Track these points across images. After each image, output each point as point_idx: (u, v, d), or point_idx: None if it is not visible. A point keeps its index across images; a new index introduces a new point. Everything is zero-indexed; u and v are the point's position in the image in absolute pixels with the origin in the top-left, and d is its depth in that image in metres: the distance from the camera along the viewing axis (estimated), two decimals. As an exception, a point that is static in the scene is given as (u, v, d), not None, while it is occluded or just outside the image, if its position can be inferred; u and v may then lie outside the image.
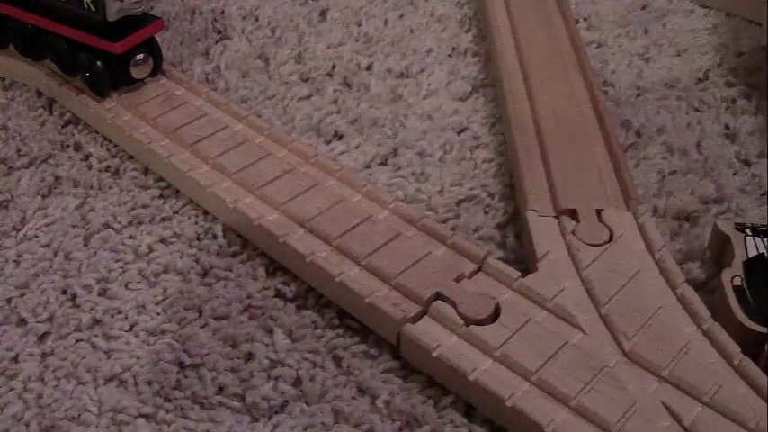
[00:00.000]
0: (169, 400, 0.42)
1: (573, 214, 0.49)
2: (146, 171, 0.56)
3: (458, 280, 0.45)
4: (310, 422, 0.41)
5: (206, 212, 0.53)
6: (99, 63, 0.57)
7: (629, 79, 0.65)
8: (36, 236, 0.51)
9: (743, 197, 0.54)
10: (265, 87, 0.64)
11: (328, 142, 0.59)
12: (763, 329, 0.42)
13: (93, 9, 0.55)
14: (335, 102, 0.63)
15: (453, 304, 0.43)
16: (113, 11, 0.55)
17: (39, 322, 0.46)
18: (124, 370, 0.43)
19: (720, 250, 0.48)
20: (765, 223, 0.48)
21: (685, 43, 0.70)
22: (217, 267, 0.49)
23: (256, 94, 0.64)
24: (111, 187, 0.55)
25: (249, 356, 0.44)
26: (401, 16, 0.74)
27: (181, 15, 0.73)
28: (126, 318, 0.46)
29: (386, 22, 0.73)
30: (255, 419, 0.41)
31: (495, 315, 0.43)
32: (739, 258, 0.45)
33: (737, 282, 0.44)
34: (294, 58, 0.68)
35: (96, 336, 0.45)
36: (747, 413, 0.38)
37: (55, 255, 0.50)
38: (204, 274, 0.49)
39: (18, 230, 0.52)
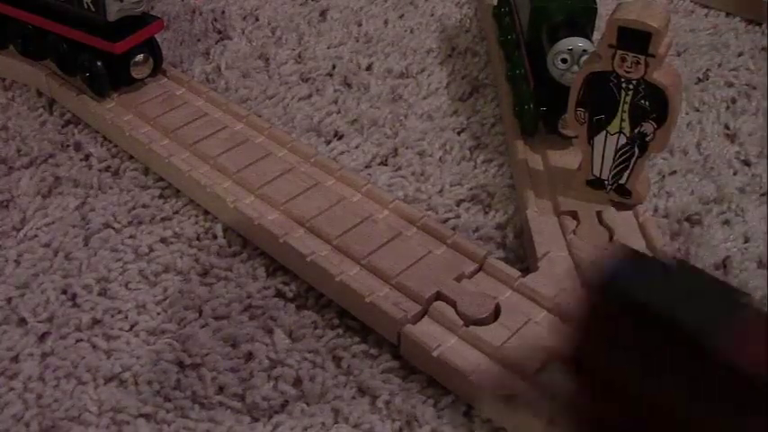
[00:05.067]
0: (169, 400, 0.42)
1: (573, 214, 0.49)
2: (146, 171, 0.56)
3: (458, 279, 0.45)
4: (310, 422, 0.41)
5: (206, 212, 0.53)
6: (99, 63, 0.57)
7: (629, 79, 0.65)
8: (36, 236, 0.51)
9: (743, 197, 0.54)
10: (265, 87, 0.64)
11: (328, 142, 0.59)
12: None
13: (93, 9, 0.55)
14: (335, 102, 0.63)
15: (453, 304, 0.43)
16: (113, 11, 0.55)
17: (39, 322, 0.46)
18: (124, 370, 0.43)
19: None
20: None
21: (685, 43, 0.70)
22: (217, 267, 0.49)
23: (256, 94, 0.64)
24: (111, 187, 0.55)
25: (249, 356, 0.44)
26: (401, 16, 0.74)
27: (181, 15, 0.73)
28: (126, 318, 0.46)
29: (386, 22, 0.73)
30: (255, 419, 0.41)
31: (496, 315, 0.43)
32: None
33: None
34: (294, 58, 0.68)
35: (96, 336, 0.45)
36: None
37: (55, 255, 0.50)
38: (204, 274, 0.49)
39: (18, 230, 0.52)
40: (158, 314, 0.47)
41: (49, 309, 0.47)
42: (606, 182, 0.50)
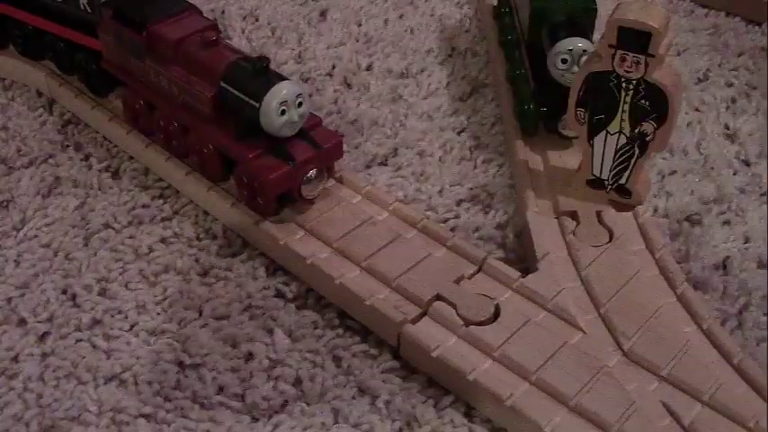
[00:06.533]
0: (169, 400, 0.42)
1: (573, 215, 0.49)
2: (146, 171, 0.56)
3: (457, 282, 0.45)
4: (310, 422, 0.41)
5: (206, 212, 0.53)
6: (95, 63, 0.57)
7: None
8: (36, 236, 0.51)
9: (743, 197, 0.54)
10: (265, 87, 0.64)
11: (328, 142, 0.59)
12: None
13: (88, 10, 0.55)
14: (335, 102, 0.63)
15: (453, 306, 0.43)
16: (109, 11, 0.56)
17: (39, 322, 0.46)
18: (124, 370, 0.43)
19: None
20: None
21: (685, 43, 0.70)
22: (217, 267, 0.49)
23: (256, 94, 0.63)
24: (111, 187, 0.55)
25: (249, 356, 0.44)
26: (401, 16, 0.74)
27: (181, 15, 0.73)
28: (126, 318, 0.46)
29: (386, 22, 0.73)
30: (255, 419, 0.41)
31: (495, 315, 0.43)
32: None
33: None
34: (294, 58, 0.68)
35: (96, 336, 0.45)
36: (746, 412, 0.38)
37: (55, 255, 0.50)
38: (204, 274, 0.49)
39: (18, 230, 0.52)
40: (158, 314, 0.47)
41: (49, 309, 0.47)
42: (606, 182, 0.50)
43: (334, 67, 0.67)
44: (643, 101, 0.45)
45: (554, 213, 0.50)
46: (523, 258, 0.50)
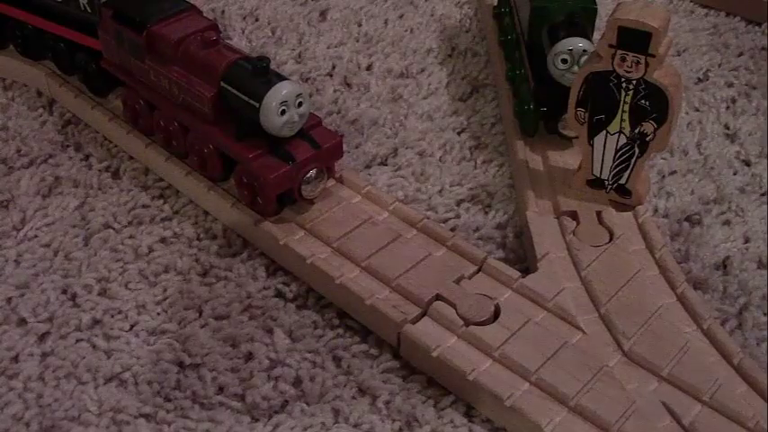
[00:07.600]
0: (169, 400, 0.42)
1: (573, 215, 0.49)
2: (146, 171, 0.56)
3: (458, 281, 0.45)
4: (310, 422, 0.41)
5: (206, 212, 0.53)
6: (95, 63, 0.57)
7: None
8: (36, 236, 0.51)
9: (743, 197, 0.54)
10: (265, 87, 0.64)
11: (328, 142, 0.59)
12: None
13: (88, 10, 0.55)
14: (335, 102, 0.63)
15: (453, 306, 0.43)
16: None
17: (39, 322, 0.46)
18: (124, 370, 0.43)
19: None
20: None
21: (685, 43, 0.70)
22: (217, 267, 0.49)
23: (256, 94, 0.63)
24: (111, 187, 0.55)
25: (249, 356, 0.44)
26: (401, 16, 0.74)
27: (181, 15, 0.73)
28: (126, 318, 0.46)
29: (386, 22, 0.73)
30: (255, 419, 0.41)
31: (495, 315, 0.43)
32: None
33: None
34: (294, 58, 0.68)
35: (96, 336, 0.45)
36: (746, 412, 0.38)
37: (55, 255, 0.50)
38: (204, 274, 0.49)
39: (18, 230, 0.52)
40: (158, 314, 0.47)
41: (49, 309, 0.47)
42: (606, 182, 0.50)
43: (334, 67, 0.67)
44: (643, 101, 0.45)
45: (554, 213, 0.50)
46: (523, 258, 0.50)
